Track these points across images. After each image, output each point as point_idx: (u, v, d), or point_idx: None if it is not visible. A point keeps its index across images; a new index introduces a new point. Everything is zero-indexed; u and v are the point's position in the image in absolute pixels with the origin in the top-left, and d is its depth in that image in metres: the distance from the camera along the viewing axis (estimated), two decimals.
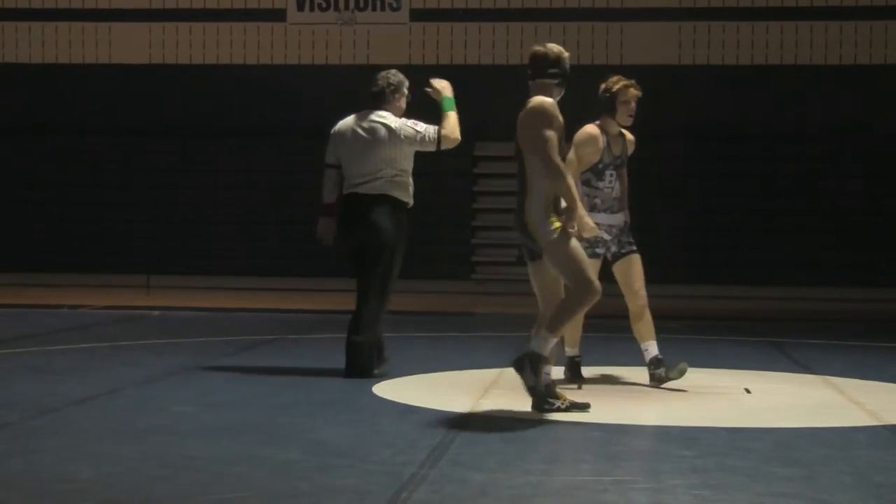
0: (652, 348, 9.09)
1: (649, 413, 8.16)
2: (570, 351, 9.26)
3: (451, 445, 6.77)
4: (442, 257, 18.90)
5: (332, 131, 9.66)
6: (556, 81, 7.82)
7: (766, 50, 19.46)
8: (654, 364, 9.08)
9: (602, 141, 9.01)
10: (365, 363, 9.32)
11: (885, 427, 7.62)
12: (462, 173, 19.18)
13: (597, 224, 8.79)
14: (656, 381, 9.04)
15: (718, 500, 5.64)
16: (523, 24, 19.39)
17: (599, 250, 9.03)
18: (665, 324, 9.16)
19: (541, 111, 7.67)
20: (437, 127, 9.48)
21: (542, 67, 7.82)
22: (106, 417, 7.60)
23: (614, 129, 9.09)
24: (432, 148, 9.49)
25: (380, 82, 9.59)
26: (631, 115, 9.04)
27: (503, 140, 9.55)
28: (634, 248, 9.15)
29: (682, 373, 8.96)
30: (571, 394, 8.05)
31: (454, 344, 12.16)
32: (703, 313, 15.62)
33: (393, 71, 9.69)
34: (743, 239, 19.20)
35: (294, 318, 14.58)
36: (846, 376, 9.82)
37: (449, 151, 9.75)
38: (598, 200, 9.03)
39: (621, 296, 9.17)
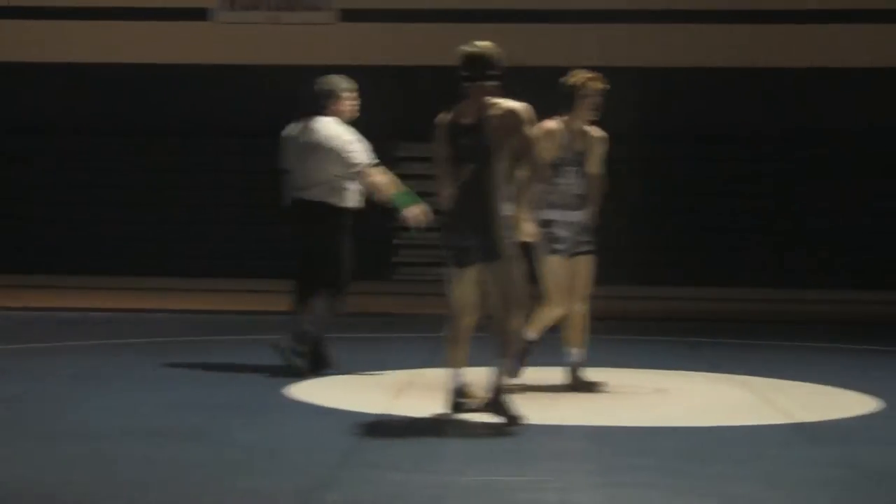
0: (576, 356, 8.97)
1: (563, 413, 8.13)
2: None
3: (365, 447, 6.77)
4: (362, 257, 18.81)
5: (281, 136, 9.65)
6: (496, 83, 7.57)
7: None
8: (572, 370, 9.01)
9: (560, 136, 8.81)
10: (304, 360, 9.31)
11: (795, 424, 7.70)
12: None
13: (552, 220, 8.79)
14: (571, 389, 9.00)
15: (630, 499, 5.68)
16: (456, 24, 19.20)
17: (559, 246, 8.84)
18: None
19: (527, 113, 7.47)
20: (370, 162, 9.44)
21: (483, 70, 7.51)
22: (18, 421, 7.52)
23: (577, 124, 8.90)
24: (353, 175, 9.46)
25: (314, 89, 9.55)
26: (594, 110, 8.86)
27: (423, 141, 9.52)
28: (591, 248, 8.98)
29: (596, 392, 8.90)
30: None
31: (372, 345, 12.13)
32: (627, 314, 15.66)
33: (330, 77, 9.63)
34: (678, 241, 19.42)
35: (230, 320, 14.43)
36: (762, 375, 9.89)
37: (372, 151, 9.63)
38: (554, 197, 8.84)
39: (600, 297, 8.98)
